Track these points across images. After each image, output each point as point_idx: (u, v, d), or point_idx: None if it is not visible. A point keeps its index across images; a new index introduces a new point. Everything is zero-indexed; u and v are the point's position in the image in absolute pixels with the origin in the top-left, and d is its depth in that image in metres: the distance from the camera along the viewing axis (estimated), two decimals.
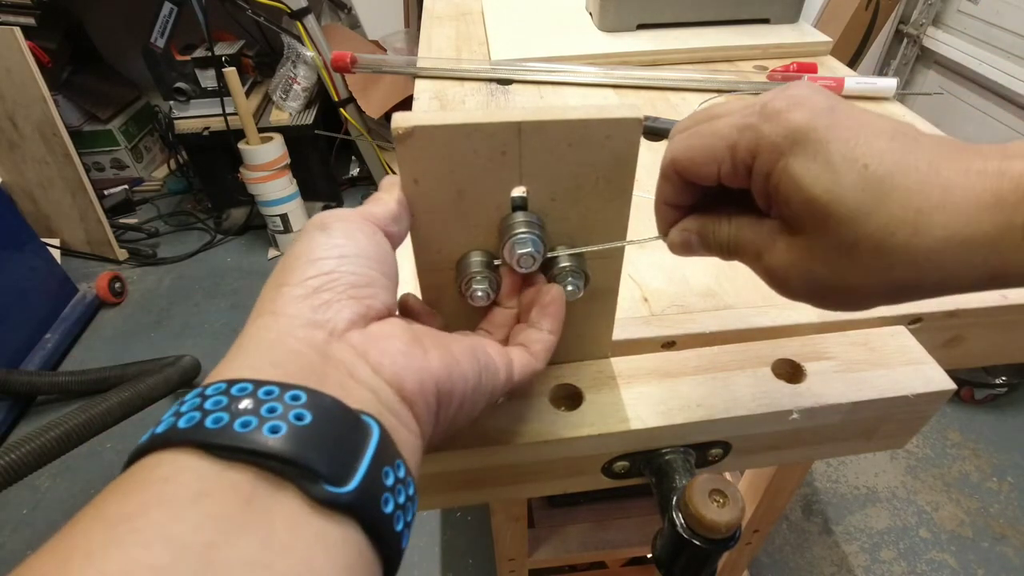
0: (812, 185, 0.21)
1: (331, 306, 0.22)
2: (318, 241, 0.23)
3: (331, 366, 0.21)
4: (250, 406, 0.18)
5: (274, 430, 0.17)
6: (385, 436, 0.20)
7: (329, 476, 0.17)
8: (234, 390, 0.18)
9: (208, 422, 0.17)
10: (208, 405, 0.18)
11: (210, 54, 1.68)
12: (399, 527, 0.19)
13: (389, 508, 0.19)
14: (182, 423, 0.17)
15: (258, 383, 0.18)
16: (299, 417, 0.18)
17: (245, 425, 0.17)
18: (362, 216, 0.25)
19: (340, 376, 0.21)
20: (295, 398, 0.18)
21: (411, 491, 0.20)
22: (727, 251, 0.26)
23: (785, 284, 0.24)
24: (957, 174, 0.20)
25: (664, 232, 0.28)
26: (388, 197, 0.26)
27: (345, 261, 0.23)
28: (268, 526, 0.16)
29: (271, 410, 0.18)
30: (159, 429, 0.18)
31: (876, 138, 0.21)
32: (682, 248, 0.27)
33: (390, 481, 0.19)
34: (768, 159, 0.22)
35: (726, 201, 0.26)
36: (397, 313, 0.25)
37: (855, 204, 0.20)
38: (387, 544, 0.19)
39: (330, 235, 0.23)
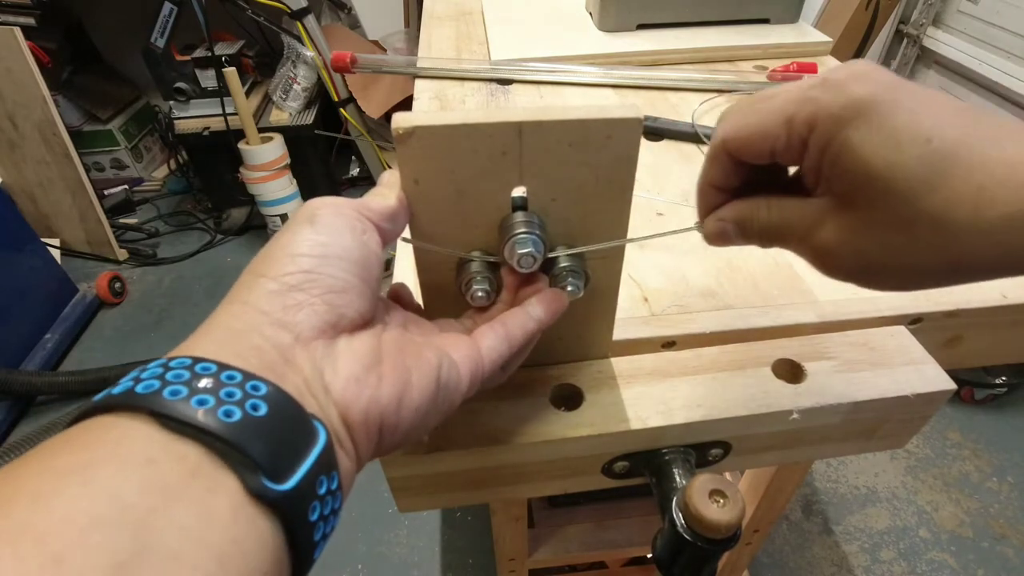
0: (872, 158, 0.20)
1: (302, 308, 0.22)
2: (303, 235, 0.23)
3: (291, 370, 0.21)
4: (209, 385, 0.18)
5: (228, 414, 0.18)
6: (329, 444, 0.20)
7: (269, 470, 0.18)
8: (198, 368, 0.19)
9: (166, 392, 0.17)
10: (169, 376, 0.18)
11: (210, 54, 1.68)
12: (317, 537, 0.19)
13: (315, 516, 0.19)
14: (140, 388, 0.18)
15: (222, 366, 0.19)
16: (255, 407, 0.18)
17: (201, 403, 0.17)
18: (357, 210, 0.24)
19: (297, 381, 0.21)
20: (255, 388, 0.19)
21: (337, 505, 0.20)
22: (767, 237, 0.25)
23: (834, 263, 0.23)
24: (1021, 151, 0.19)
25: (703, 216, 0.28)
26: (389, 193, 0.26)
27: (326, 262, 0.22)
28: (208, 501, 0.16)
29: (229, 394, 0.18)
30: (116, 390, 0.18)
31: (940, 113, 0.20)
32: (719, 238, 0.27)
33: (323, 490, 0.19)
34: (827, 131, 0.21)
35: (764, 188, 0.25)
36: (394, 306, 0.25)
37: (916, 178, 0.20)
38: (303, 550, 0.19)
39: (317, 230, 0.23)
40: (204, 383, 0.18)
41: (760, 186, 0.26)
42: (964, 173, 0.19)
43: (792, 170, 0.26)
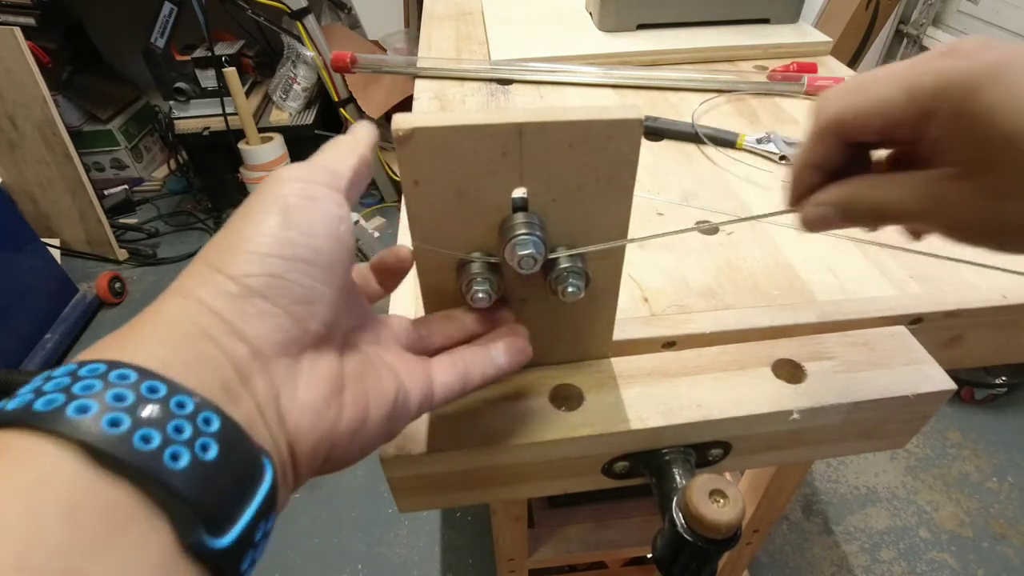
0: (1013, 119, 0.20)
1: (264, 319, 0.20)
2: (271, 227, 0.20)
3: (245, 391, 0.19)
4: (156, 415, 0.16)
5: (175, 456, 0.16)
6: (274, 485, 0.18)
7: (209, 523, 0.16)
8: (144, 388, 0.16)
9: (105, 421, 0.15)
10: (109, 398, 0.16)
11: (210, 54, 1.68)
12: None
13: (246, 565, 0.17)
14: (71, 411, 0.15)
15: (172, 387, 0.17)
16: (204, 447, 0.16)
17: (146, 440, 0.15)
18: (329, 184, 0.22)
19: (249, 407, 0.19)
20: (207, 421, 0.17)
21: (264, 544, 0.18)
22: (878, 217, 0.25)
23: (969, 229, 0.23)
24: None
25: (796, 200, 0.27)
26: (351, 150, 0.24)
27: (294, 267, 0.20)
28: (135, 555, 0.15)
29: (178, 429, 0.16)
30: (39, 406, 0.15)
31: None
32: (818, 223, 0.26)
33: (259, 536, 0.18)
34: (957, 98, 0.21)
35: (863, 169, 0.25)
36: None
37: None
38: None
39: (288, 222, 0.20)
40: (150, 411, 0.16)
41: (855, 168, 0.25)
42: None
43: (876, 154, 0.26)
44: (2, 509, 0.13)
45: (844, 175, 0.26)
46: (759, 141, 0.56)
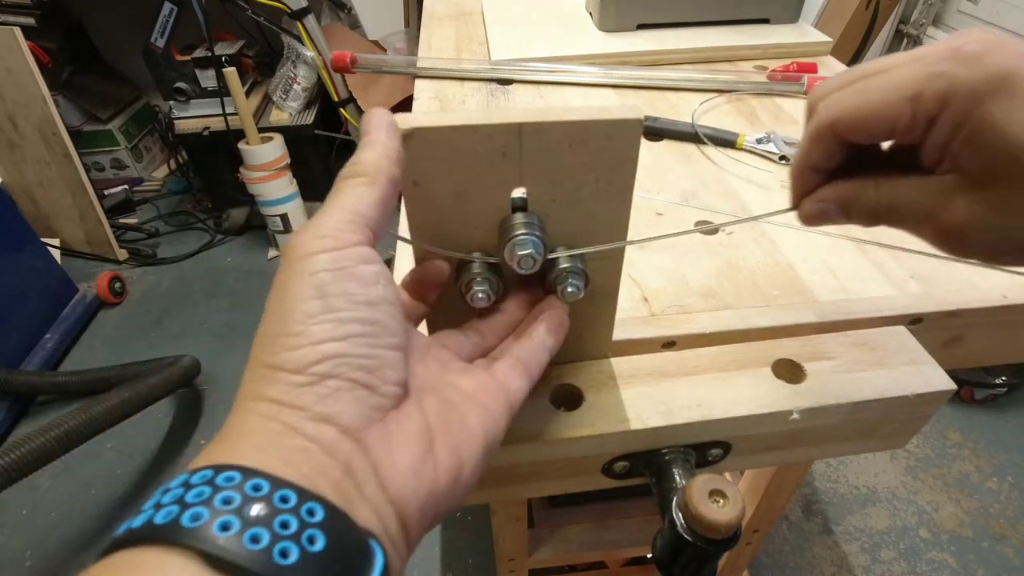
0: (1020, 132, 0.19)
1: (340, 397, 0.19)
2: (313, 313, 0.19)
3: (342, 472, 0.19)
4: (263, 514, 0.16)
5: (284, 553, 0.16)
6: (386, 566, 0.18)
7: None
8: (248, 487, 0.16)
9: (216, 527, 0.15)
10: (218, 502, 0.16)
11: (210, 54, 1.68)
12: None
13: None
14: (186, 520, 0.15)
15: (275, 482, 0.17)
16: (311, 539, 0.16)
17: (255, 540, 0.15)
18: (359, 244, 0.21)
19: (348, 487, 0.18)
20: (311, 512, 0.17)
21: None
22: (876, 216, 0.25)
23: (964, 241, 0.23)
24: None
25: (798, 201, 0.27)
26: (372, 188, 0.22)
27: (351, 343, 0.20)
28: None
29: (284, 524, 0.16)
30: (159, 519, 0.16)
31: None
32: (818, 218, 0.26)
33: None
34: (963, 106, 0.20)
35: (865, 165, 0.25)
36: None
37: None
38: None
39: (328, 305, 0.20)
40: (256, 511, 0.16)
41: (856, 164, 0.25)
42: None
43: (883, 146, 0.25)
44: None
45: (845, 172, 0.25)
46: (759, 141, 0.56)
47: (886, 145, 0.26)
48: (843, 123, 0.23)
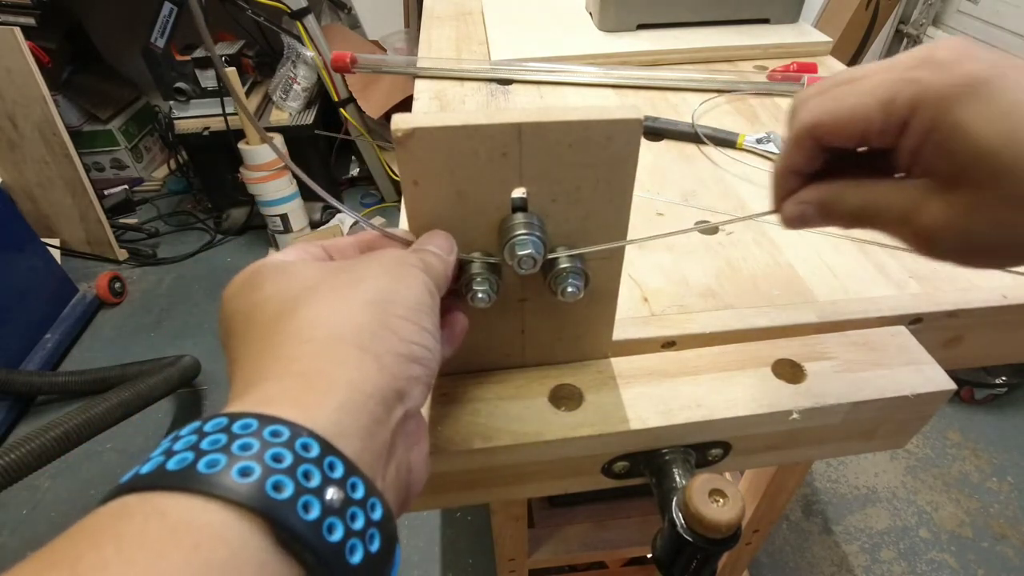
0: (986, 137, 0.20)
1: (417, 385, 0.21)
2: (427, 312, 0.22)
3: (391, 462, 0.19)
4: (337, 502, 0.15)
5: (352, 550, 0.15)
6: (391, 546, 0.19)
7: None
8: (326, 463, 0.16)
9: (300, 505, 0.15)
10: (300, 473, 0.15)
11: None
12: None
13: None
14: (269, 486, 0.15)
15: (349, 467, 0.16)
16: (371, 538, 0.16)
17: (331, 530, 0.15)
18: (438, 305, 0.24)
19: (391, 475, 0.20)
20: (372, 507, 0.17)
21: None
22: (855, 218, 0.25)
23: (937, 243, 0.23)
24: None
25: (779, 203, 0.28)
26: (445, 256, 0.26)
27: (432, 354, 0.22)
28: None
29: (352, 516, 0.16)
30: (237, 477, 0.15)
31: None
32: (799, 221, 0.27)
33: None
34: (933, 112, 0.21)
35: (845, 169, 0.25)
36: None
37: None
38: None
39: (433, 314, 0.23)
40: (331, 496, 0.15)
41: (836, 168, 0.25)
42: None
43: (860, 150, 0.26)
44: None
45: (826, 174, 0.26)
46: (759, 141, 0.56)
47: (866, 150, 0.26)
48: (821, 127, 0.24)
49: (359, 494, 0.16)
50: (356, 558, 0.15)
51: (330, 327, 0.19)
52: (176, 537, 0.13)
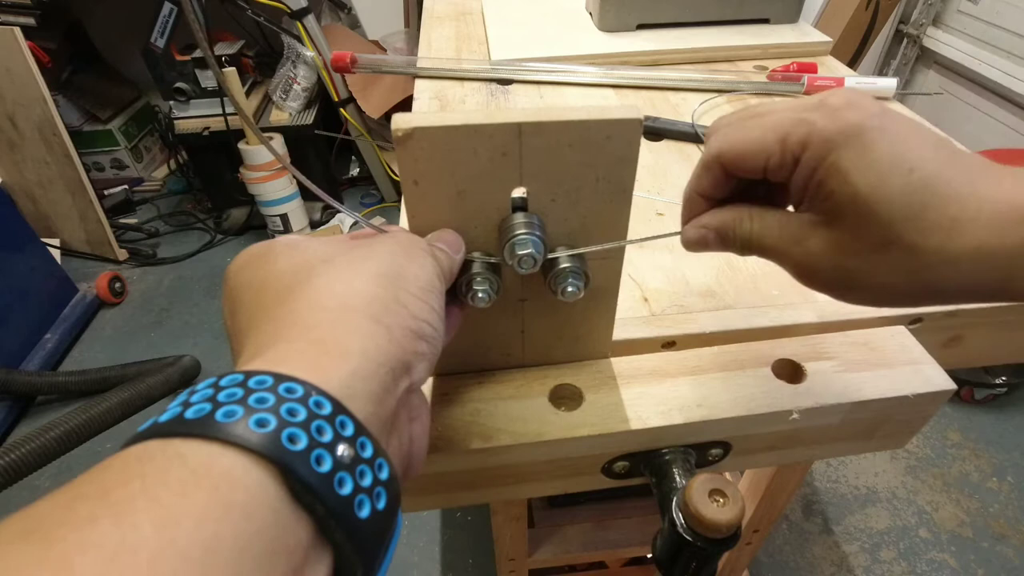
0: (858, 181, 0.21)
1: (423, 360, 0.21)
2: (436, 294, 0.23)
3: (394, 432, 0.20)
4: (347, 459, 0.16)
5: (360, 505, 0.16)
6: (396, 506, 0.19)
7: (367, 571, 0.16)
8: (338, 421, 0.16)
9: (313, 457, 0.15)
10: (314, 429, 0.16)
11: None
12: None
13: None
14: (285, 438, 0.15)
15: (359, 428, 0.17)
16: (378, 496, 0.17)
17: (341, 483, 0.16)
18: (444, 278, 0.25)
19: (395, 444, 0.20)
20: (379, 467, 0.17)
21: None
22: (747, 247, 0.26)
23: (814, 276, 0.25)
24: (991, 189, 0.21)
25: (685, 223, 0.29)
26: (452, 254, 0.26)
27: (438, 335, 0.23)
28: None
29: (361, 474, 0.16)
30: (244, 421, 0.15)
31: (922, 145, 0.22)
32: (697, 244, 0.28)
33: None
34: (818, 152, 0.22)
35: (746, 199, 0.27)
36: None
37: (897, 205, 0.21)
38: None
39: (440, 298, 0.23)
40: (342, 451, 0.16)
41: (742, 197, 0.27)
42: (940, 204, 0.21)
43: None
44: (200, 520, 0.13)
45: (740, 199, 0.27)
46: None
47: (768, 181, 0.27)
48: (725, 155, 0.25)
49: (368, 453, 0.17)
50: (364, 512, 0.16)
51: (344, 297, 0.20)
52: (196, 478, 0.14)
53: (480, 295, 0.28)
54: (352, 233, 0.27)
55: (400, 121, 0.24)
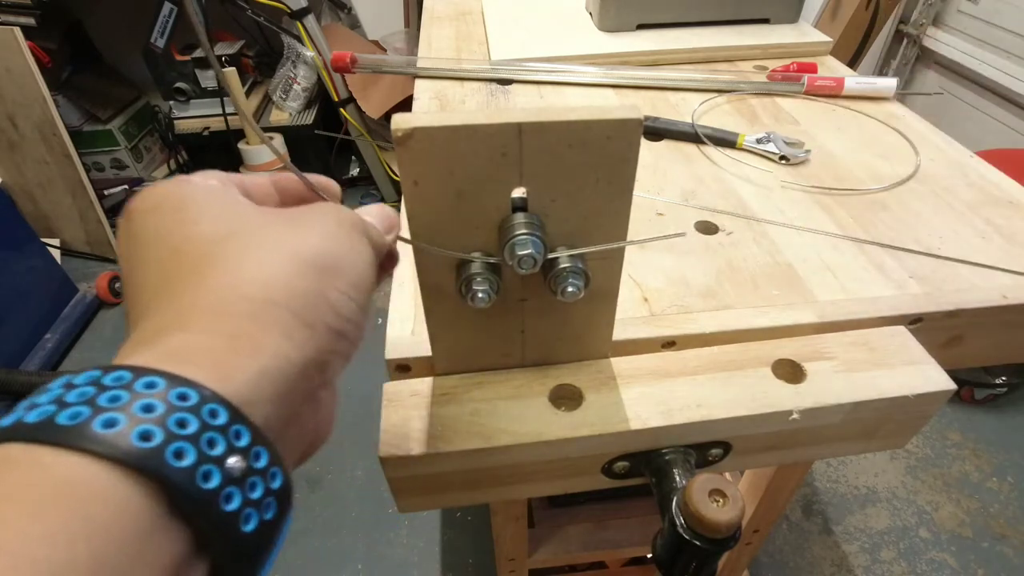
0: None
1: (340, 358, 0.20)
2: (366, 291, 0.21)
3: (295, 424, 0.19)
4: (238, 472, 0.15)
5: (247, 519, 0.15)
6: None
7: None
8: (231, 432, 0.15)
9: (200, 476, 0.14)
10: (207, 447, 0.15)
11: None
12: None
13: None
14: (169, 456, 0.14)
15: (255, 436, 0.16)
16: (268, 507, 0.16)
17: (228, 499, 0.15)
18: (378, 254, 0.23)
19: (294, 435, 0.19)
20: (273, 476, 0.16)
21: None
22: None
23: None
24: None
25: None
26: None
27: (360, 332, 0.21)
28: None
29: (252, 486, 0.15)
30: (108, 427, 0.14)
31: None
32: None
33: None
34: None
35: None
36: None
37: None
38: None
39: (369, 294, 0.22)
40: (233, 464, 0.15)
41: None
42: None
43: None
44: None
45: None
46: (759, 141, 0.56)
47: None
48: None
49: (262, 463, 0.16)
50: (249, 526, 0.15)
51: (268, 288, 0.18)
52: (56, 495, 0.13)
53: (480, 295, 0.28)
54: (276, 178, 0.25)
55: (400, 121, 0.24)
